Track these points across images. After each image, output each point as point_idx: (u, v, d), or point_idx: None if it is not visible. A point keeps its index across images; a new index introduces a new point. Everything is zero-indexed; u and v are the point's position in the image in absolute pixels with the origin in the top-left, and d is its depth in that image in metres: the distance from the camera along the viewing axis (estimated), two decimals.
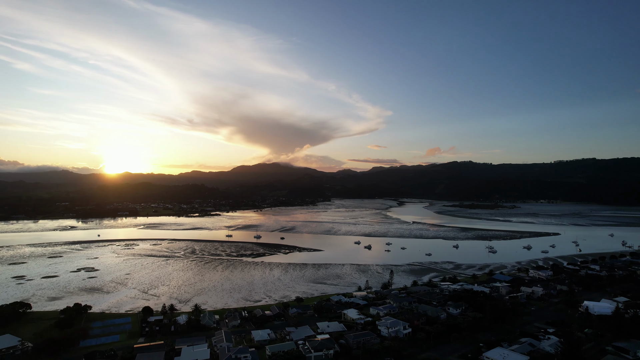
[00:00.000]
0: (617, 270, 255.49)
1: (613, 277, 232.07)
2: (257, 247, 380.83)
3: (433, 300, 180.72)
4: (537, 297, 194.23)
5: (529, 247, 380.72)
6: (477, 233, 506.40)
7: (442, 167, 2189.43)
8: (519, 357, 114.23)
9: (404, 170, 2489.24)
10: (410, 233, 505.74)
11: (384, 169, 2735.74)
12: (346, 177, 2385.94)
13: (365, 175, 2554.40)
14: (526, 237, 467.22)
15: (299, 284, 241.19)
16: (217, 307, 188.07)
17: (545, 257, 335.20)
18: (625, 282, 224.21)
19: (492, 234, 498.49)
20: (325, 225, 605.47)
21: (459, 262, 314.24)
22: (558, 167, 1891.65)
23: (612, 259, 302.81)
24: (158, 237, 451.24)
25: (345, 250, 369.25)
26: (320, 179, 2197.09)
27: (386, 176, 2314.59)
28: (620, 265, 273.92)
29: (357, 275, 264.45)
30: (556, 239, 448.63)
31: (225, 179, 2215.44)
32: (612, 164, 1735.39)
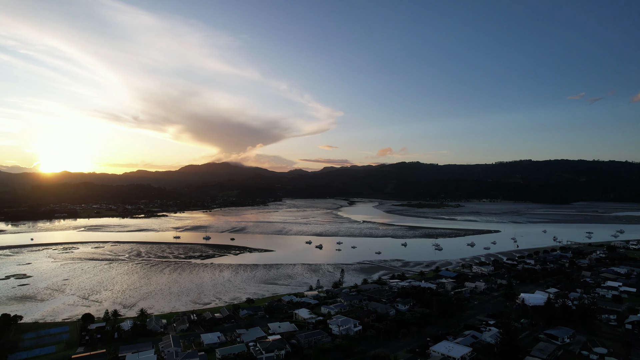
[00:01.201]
0: (549, 264, 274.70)
1: (545, 270, 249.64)
2: (207, 249, 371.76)
3: (383, 297, 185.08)
4: (479, 292, 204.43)
5: (473, 244, 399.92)
6: (425, 231, 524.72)
7: (391, 168, 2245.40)
8: (462, 349, 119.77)
9: (355, 171, 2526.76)
10: (360, 232, 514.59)
11: (335, 169, 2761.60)
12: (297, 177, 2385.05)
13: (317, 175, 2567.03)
14: (470, 234, 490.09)
15: (249, 285, 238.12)
16: (164, 311, 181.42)
17: (487, 253, 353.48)
18: (556, 275, 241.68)
19: (439, 232, 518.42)
20: (277, 225, 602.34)
21: (407, 259, 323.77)
22: (498, 168, 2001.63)
23: (545, 253, 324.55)
24: (100, 240, 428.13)
25: (297, 250, 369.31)
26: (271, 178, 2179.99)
27: (337, 176, 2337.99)
28: (551, 259, 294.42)
29: (309, 275, 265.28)
30: (497, 236, 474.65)
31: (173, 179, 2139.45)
32: (546, 165, 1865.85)
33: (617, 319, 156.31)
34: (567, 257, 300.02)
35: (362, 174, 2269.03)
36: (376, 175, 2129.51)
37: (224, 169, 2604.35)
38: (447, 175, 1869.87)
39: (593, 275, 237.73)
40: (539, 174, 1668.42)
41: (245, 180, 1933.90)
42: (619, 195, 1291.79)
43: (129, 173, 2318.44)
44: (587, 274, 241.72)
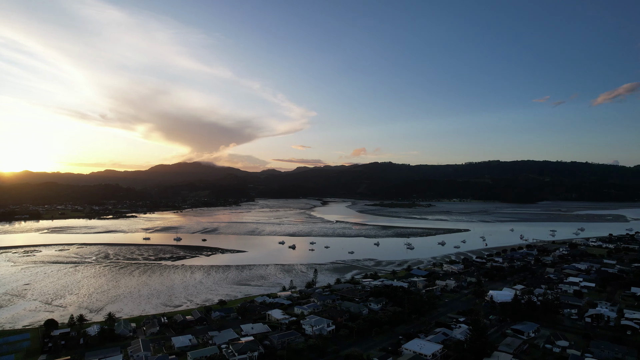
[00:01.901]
0: (516, 262, 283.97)
1: (513, 268, 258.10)
2: (178, 250, 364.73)
3: (355, 297, 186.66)
4: (450, 290, 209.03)
5: (443, 243, 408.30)
6: (397, 231, 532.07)
7: (364, 168, 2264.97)
8: (433, 346, 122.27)
9: (328, 171, 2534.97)
10: (333, 232, 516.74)
11: (308, 169, 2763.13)
12: (270, 177, 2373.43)
13: (290, 175, 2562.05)
14: (440, 233, 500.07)
15: (222, 286, 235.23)
16: (133, 315, 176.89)
17: (457, 251, 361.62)
18: (522, 272, 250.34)
19: (410, 231, 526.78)
20: (249, 225, 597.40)
21: (379, 259, 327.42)
22: (468, 168, 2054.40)
23: (512, 251, 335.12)
24: (65, 242, 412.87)
25: (270, 251, 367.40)
26: (244, 178, 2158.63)
27: (310, 176, 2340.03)
28: (518, 256, 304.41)
29: (282, 275, 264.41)
30: (466, 234, 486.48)
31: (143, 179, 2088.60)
32: (513, 165, 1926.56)
33: (578, 313, 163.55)
34: (533, 255, 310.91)
35: (335, 174, 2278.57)
36: (349, 175, 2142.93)
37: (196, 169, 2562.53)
38: (419, 175, 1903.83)
39: (556, 272, 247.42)
40: (506, 174, 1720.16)
41: (218, 180, 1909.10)
42: (580, 194, 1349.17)
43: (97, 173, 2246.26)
44: (551, 271, 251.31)
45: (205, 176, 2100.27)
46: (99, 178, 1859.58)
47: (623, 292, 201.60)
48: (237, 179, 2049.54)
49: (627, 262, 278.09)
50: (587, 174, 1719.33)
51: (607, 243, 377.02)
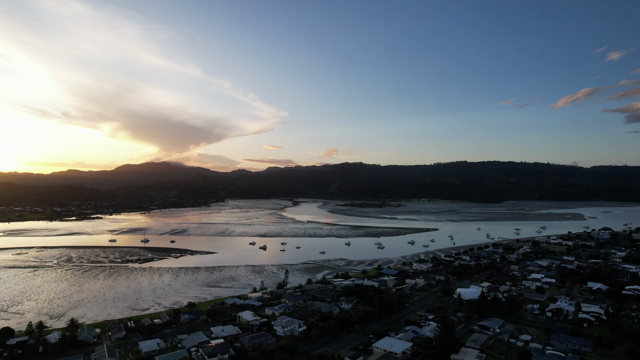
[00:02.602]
0: (482, 260, 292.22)
1: (479, 266, 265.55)
2: (145, 252, 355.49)
3: (327, 296, 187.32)
4: (419, 288, 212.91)
5: (413, 242, 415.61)
6: (367, 230, 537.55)
7: (335, 168, 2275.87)
8: (403, 344, 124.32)
9: (299, 171, 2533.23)
10: (304, 232, 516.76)
11: (279, 169, 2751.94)
12: (241, 177, 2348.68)
13: (261, 175, 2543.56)
14: (410, 233, 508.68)
15: (191, 288, 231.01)
16: (98, 320, 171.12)
17: (426, 250, 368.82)
18: (488, 269, 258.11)
19: (381, 231, 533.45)
20: (219, 226, 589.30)
21: (350, 258, 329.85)
22: (437, 169, 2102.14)
23: (479, 249, 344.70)
24: (23, 245, 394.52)
25: (240, 252, 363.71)
26: (213, 179, 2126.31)
27: (281, 176, 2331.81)
28: (485, 255, 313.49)
29: (253, 277, 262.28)
30: (435, 234, 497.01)
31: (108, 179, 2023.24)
32: (480, 166, 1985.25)
33: (540, 308, 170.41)
34: (499, 253, 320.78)
35: (307, 174, 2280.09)
36: (320, 175, 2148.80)
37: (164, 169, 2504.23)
38: (389, 175, 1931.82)
39: (520, 269, 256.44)
40: (473, 175, 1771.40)
41: (187, 180, 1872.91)
42: (542, 194, 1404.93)
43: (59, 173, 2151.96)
44: (515, 268, 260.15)
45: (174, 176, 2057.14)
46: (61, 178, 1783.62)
47: (580, 287, 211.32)
48: (207, 179, 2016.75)
49: (584, 258, 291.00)
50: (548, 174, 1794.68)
51: (566, 240, 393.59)
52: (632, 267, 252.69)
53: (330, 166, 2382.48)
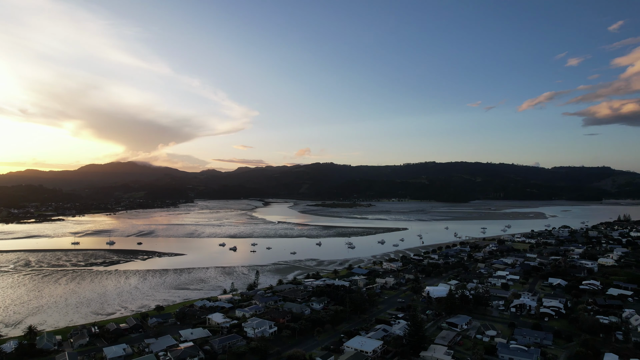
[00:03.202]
0: (450, 258, 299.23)
1: (448, 264, 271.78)
2: (110, 254, 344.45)
3: (298, 297, 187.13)
4: (389, 287, 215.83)
5: (383, 242, 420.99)
6: (338, 230, 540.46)
7: (306, 168, 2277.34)
8: (374, 343, 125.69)
9: (270, 171, 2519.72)
10: (275, 233, 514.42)
11: (249, 169, 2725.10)
12: (210, 178, 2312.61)
13: (231, 175, 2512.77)
14: (380, 232, 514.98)
15: (159, 291, 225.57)
16: (59, 327, 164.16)
17: (396, 250, 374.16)
18: (456, 267, 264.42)
19: (351, 230, 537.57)
20: (188, 227, 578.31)
21: (321, 258, 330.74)
22: (407, 169, 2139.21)
23: (447, 248, 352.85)
24: None
25: (210, 253, 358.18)
26: (182, 179, 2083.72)
27: (252, 176, 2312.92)
28: (452, 253, 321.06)
29: (223, 278, 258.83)
30: (405, 233, 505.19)
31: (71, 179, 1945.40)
32: (448, 166, 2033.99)
33: (505, 304, 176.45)
34: (466, 251, 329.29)
35: (278, 175, 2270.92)
36: (291, 175, 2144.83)
37: (131, 169, 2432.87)
38: (360, 175, 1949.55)
39: (486, 267, 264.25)
40: (442, 175, 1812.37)
41: (154, 180, 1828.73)
42: (507, 194, 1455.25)
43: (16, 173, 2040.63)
44: (481, 266, 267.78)
45: (141, 177, 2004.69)
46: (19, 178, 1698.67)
47: (542, 283, 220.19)
48: (175, 180, 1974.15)
49: (545, 256, 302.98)
50: (513, 174, 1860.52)
51: (529, 238, 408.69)
52: (588, 263, 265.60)
53: (302, 166, 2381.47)
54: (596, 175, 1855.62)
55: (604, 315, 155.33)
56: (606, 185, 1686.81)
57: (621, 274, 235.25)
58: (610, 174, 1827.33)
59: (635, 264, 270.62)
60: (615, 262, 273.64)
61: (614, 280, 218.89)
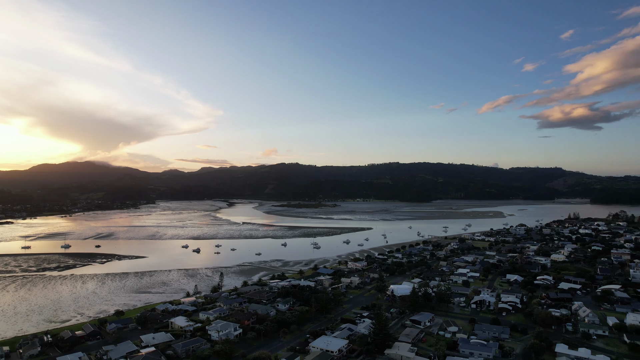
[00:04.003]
0: (414, 257, 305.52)
1: (411, 263, 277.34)
2: (66, 258, 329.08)
3: (263, 298, 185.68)
4: (354, 286, 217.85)
5: (348, 242, 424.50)
6: (304, 231, 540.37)
7: (271, 169, 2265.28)
8: (339, 342, 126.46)
9: (234, 171, 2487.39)
10: (240, 234, 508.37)
11: (213, 170, 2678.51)
12: (173, 178, 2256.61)
13: (194, 175, 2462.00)
14: (345, 232, 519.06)
15: (118, 295, 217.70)
16: (7, 337, 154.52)
17: (361, 249, 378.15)
18: (419, 266, 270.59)
19: (317, 231, 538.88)
20: (149, 229, 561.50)
21: (287, 259, 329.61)
22: (371, 169, 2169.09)
23: (410, 247, 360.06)
24: None
25: (172, 255, 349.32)
26: (143, 179, 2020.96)
27: (216, 177, 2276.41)
28: (416, 252, 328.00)
29: (186, 281, 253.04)
30: (369, 233, 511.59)
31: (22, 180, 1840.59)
32: (411, 167, 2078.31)
33: (466, 300, 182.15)
34: (429, 250, 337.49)
35: (242, 175, 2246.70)
36: (256, 176, 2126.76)
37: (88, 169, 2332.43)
38: (325, 176, 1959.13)
39: (448, 264, 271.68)
40: (405, 175, 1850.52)
41: (114, 181, 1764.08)
42: (467, 194, 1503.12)
43: None
44: (444, 264, 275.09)
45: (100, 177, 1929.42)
46: None
47: (500, 279, 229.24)
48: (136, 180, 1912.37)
49: (504, 253, 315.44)
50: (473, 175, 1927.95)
51: (488, 237, 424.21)
52: (542, 259, 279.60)
53: (267, 167, 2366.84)
54: (549, 175, 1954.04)
55: (556, 308, 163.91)
56: (558, 185, 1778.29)
57: (571, 269, 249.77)
58: (561, 175, 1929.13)
59: (583, 259, 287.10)
60: (566, 257, 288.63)
61: (565, 274, 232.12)
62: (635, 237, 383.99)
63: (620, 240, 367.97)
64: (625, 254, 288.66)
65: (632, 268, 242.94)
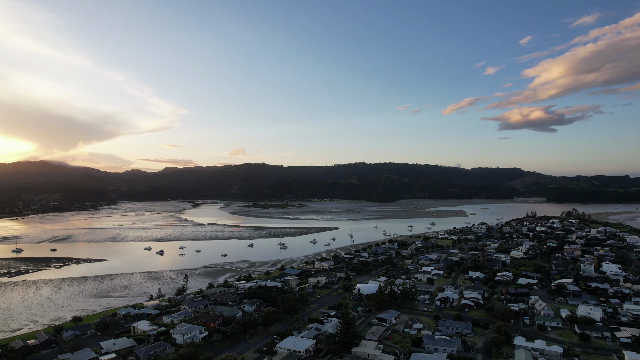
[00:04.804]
0: (379, 256, 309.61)
1: (377, 262, 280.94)
2: (17, 263, 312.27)
3: (229, 300, 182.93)
4: (321, 286, 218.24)
5: (315, 242, 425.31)
6: (270, 231, 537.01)
7: (237, 169, 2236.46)
8: (307, 342, 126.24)
9: (199, 171, 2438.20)
10: (205, 235, 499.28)
11: (177, 170, 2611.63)
12: (135, 178, 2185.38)
13: (157, 176, 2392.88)
14: (312, 232, 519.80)
15: (76, 301, 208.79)
16: None
17: (327, 249, 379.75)
18: (385, 265, 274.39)
19: (284, 231, 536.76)
20: (110, 231, 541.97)
21: (253, 260, 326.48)
22: (338, 170, 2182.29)
23: (377, 246, 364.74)
24: None
25: (135, 258, 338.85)
26: (104, 180, 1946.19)
27: (180, 177, 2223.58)
28: (381, 251, 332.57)
29: (149, 284, 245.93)
30: (336, 232, 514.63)
31: None
32: (377, 167, 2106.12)
33: (430, 298, 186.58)
34: (394, 249, 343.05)
35: (207, 175, 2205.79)
36: (222, 176, 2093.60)
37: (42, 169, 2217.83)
38: (292, 176, 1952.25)
39: (413, 263, 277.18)
40: (371, 175, 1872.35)
41: (71, 181, 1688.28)
42: (431, 193, 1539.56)
43: None
44: (409, 262, 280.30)
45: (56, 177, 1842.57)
46: None
47: (463, 276, 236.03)
48: (96, 180, 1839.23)
49: (466, 251, 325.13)
50: (437, 175, 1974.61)
51: (451, 235, 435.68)
52: (502, 256, 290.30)
53: (232, 167, 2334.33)
54: (509, 175, 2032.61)
55: (515, 303, 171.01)
56: (517, 184, 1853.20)
57: (529, 265, 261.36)
58: (520, 175, 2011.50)
59: (539, 256, 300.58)
60: (524, 254, 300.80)
61: (523, 270, 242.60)
62: (585, 234, 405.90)
63: (572, 237, 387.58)
64: (577, 250, 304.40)
65: (582, 263, 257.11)
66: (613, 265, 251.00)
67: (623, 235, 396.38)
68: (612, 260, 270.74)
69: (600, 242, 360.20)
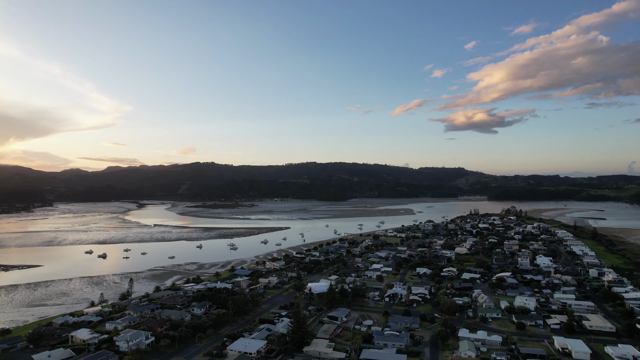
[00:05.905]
0: (330, 254, 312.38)
1: (328, 260, 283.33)
2: None
3: (177, 303, 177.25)
4: (272, 286, 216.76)
5: (266, 242, 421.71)
6: (220, 232, 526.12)
7: (185, 168, 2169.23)
8: (258, 343, 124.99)
9: (145, 171, 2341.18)
10: (151, 237, 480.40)
11: (121, 169, 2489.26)
12: (74, 178, 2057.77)
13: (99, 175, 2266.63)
14: (263, 232, 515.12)
15: (5, 311, 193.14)
16: None
17: (279, 249, 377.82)
18: (336, 263, 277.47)
19: (234, 231, 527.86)
20: (46, 235, 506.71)
21: (202, 261, 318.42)
22: (289, 169, 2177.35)
23: (327, 245, 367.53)
24: None
25: (74, 262, 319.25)
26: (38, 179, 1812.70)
27: (124, 176, 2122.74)
28: (332, 249, 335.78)
29: (90, 289, 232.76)
30: (287, 232, 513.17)
31: None
32: (328, 167, 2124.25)
33: (380, 294, 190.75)
34: (345, 247, 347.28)
35: (153, 175, 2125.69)
36: (169, 175, 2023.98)
37: None
38: (242, 175, 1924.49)
39: (363, 261, 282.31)
40: (322, 175, 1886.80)
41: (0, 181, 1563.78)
42: (381, 192, 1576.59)
43: None
44: (359, 260, 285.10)
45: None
46: None
47: (411, 273, 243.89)
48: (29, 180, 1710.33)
49: (414, 248, 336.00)
50: (386, 174, 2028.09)
51: (400, 233, 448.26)
52: (448, 252, 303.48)
53: (180, 166, 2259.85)
54: (454, 175, 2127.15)
55: (459, 297, 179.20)
56: (461, 183, 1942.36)
57: (472, 260, 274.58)
58: (464, 174, 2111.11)
59: (482, 251, 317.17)
60: (468, 250, 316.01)
61: (467, 266, 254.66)
62: (522, 230, 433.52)
63: (511, 233, 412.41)
64: (515, 245, 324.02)
65: (519, 257, 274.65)
66: (545, 258, 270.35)
67: (554, 230, 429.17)
68: (544, 254, 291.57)
69: (535, 237, 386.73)
